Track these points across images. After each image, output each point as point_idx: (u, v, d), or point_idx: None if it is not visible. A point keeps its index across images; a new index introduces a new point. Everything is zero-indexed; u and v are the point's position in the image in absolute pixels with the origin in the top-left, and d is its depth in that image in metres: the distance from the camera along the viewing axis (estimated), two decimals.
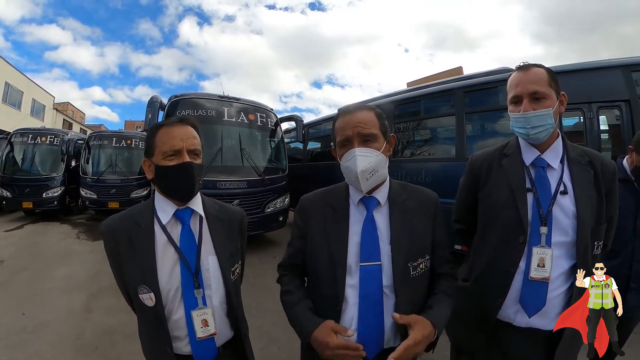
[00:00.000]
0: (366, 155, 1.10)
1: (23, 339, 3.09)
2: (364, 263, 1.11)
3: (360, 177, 1.09)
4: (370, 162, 1.09)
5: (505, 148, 1.41)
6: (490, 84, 4.62)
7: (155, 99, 5.61)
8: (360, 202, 1.19)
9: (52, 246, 6.61)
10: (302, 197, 1.33)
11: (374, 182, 1.13)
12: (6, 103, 19.81)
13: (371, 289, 1.10)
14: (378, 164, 1.11)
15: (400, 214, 1.17)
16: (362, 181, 1.10)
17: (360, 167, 1.09)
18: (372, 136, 1.11)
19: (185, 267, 1.12)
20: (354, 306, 1.11)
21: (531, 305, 1.23)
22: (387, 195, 1.20)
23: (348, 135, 1.12)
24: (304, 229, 1.26)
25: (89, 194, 9.25)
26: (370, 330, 1.09)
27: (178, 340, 1.13)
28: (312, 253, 1.22)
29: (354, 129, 1.11)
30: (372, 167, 1.10)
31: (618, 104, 3.74)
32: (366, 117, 1.13)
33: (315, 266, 1.21)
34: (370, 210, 1.17)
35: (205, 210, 1.24)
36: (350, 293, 1.11)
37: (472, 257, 1.47)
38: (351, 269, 1.12)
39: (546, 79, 1.25)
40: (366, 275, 1.10)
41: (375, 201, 1.18)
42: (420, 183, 5.03)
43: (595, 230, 1.23)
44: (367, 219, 1.16)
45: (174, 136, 1.11)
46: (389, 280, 1.10)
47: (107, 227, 1.16)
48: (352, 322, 1.11)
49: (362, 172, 1.09)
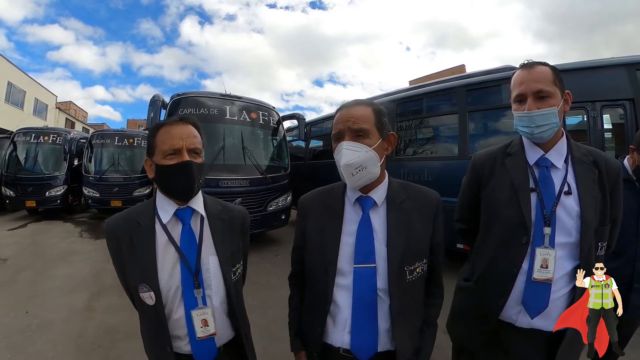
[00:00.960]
0: (353, 149, 1.07)
1: (25, 338, 3.10)
2: (358, 265, 1.09)
3: (345, 171, 1.08)
4: (357, 156, 1.06)
5: (509, 147, 1.39)
6: (493, 82, 4.60)
7: (157, 97, 5.61)
8: (356, 201, 1.16)
9: (54, 245, 6.64)
10: (301, 197, 1.33)
11: (360, 178, 1.09)
12: (9, 102, 19.90)
13: (365, 291, 1.08)
14: (366, 160, 1.08)
15: (398, 215, 1.14)
16: (347, 176, 1.09)
17: (344, 161, 1.07)
18: (363, 131, 1.08)
19: (185, 267, 1.12)
20: (347, 308, 1.09)
21: (534, 307, 1.21)
22: (386, 195, 1.17)
23: (340, 129, 1.11)
24: (303, 227, 1.26)
25: (91, 193, 9.27)
26: (364, 333, 1.08)
27: (178, 340, 1.13)
28: (308, 251, 1.22)
29: (345, 123, 1.09)
30: (359, 163, 1.07)
31: (622, 103, 3.71)
32: (361, 112, 1.10)
33: (309, 264, 1.22)
34: (366, 210, 1.15)
35: (206, 209, 1.23)
36: (343, 294, 1.11)
37: (475, 257, 1.46)
38: (343, 270, 1.11)
39: (551, 77, 1.23)
40: (360, 277, 1.09)
41: (372, 201, 1.15)
42: (422, 182, 5.02)
43: (599, 230, 1.22)
44: (363, 220, 1.14)
45: (173, 135, 1.11)
46: (383, 283, 1.08)
47: (109, 226, 1.17)
48: (345, 324, 1.10)
49: (347, 166, 1.07)
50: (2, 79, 19.07)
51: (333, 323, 1.13)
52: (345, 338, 1.10)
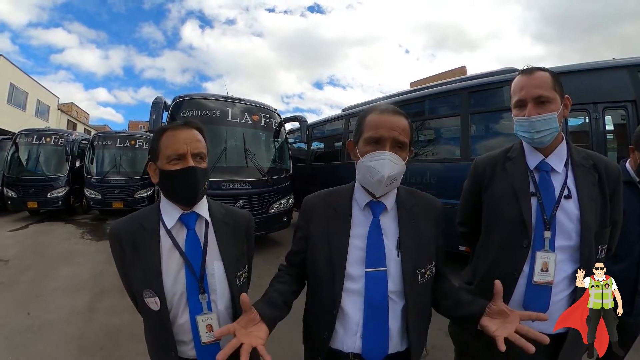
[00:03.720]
0: (395, 162, 1.07)
1: (27, 339, 3.11)
2: (369, 269, 1.09)
3: (381, 180, 1.07)
4: (396, 169, 1.08)
5: (510, 151, 1.40)
6: (495, 84, 4.60)
7: (159, 99, 5.63)
8: (366, 206, 1.17)
9: (56, 246, 6.66)
10: (305, 198, 1.32)
11: (390, 188, 1.12)
12: (11, 104, 19.94)
13: (377, 294, 1.08)
14: (400, 173, 1.10)
15: (409, 219, 1.15)
16: (378, 185, 1.08)
17: (387, 172, 1.05)
18: (404, 145, 1.09)
19: (190, 272, 1.11)
20: (358, 312, 1.09)
21: (534, 309, 1.21)
22: (395, 200, 1.18)
23: (383, 135, 1.08)
24: (306, 230, 1.25)
25: (93, 194, 9.30)
26: (376, 335, 1.08)
27: (183, 345, 1.13)
28: (312, 255, 1.21)
29: (390, 131, 1.07)
30: (395, 175, 1.08)
31: (624, 104, 3.72)
32: (404, 124, 1.10)
33: (314, 268, 1.20)
34: (376, 215, 1.15)
35: (211, 214, 1.22)
36: (353, 299, 1.10)
37: (476, 260, 1.47)
38: (352, 274, 1.11)
39: (550, 82, 1.24)
40: (372, 280, 1.09)
41: (383, 206, 1.16)
42: (425, 184, 5.02)
43: (599, 234, 1.23)
44: (374, 224, 1.14)
45: (178, 140, 1.11)
46: (395, 285, 1.09)
47: (114, 230, 1.16)
48: (357, 328, 1.09)
49: (387, 178, 1.06)
50: (4, 80, 19.13)
51: (343, 328, 1.12)
52: (357, 343, 1.09)
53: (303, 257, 1.26)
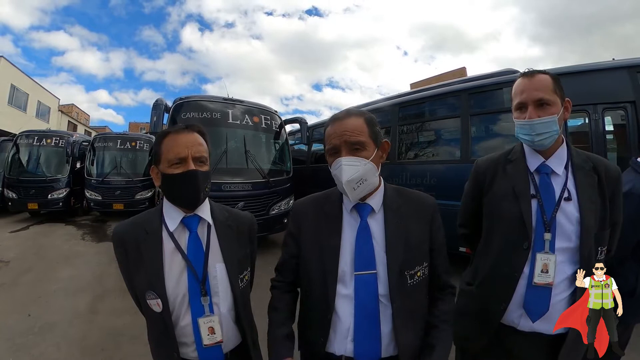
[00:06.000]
0: (353, 164, 1.07)
1: (28, 341, 3.11)
2: (358, 272, 1.09)
3: (347, 187, 1.07)
4: (357, 171, 1.06)
5: (510, 154, 1.41)
6: (495, 86, 4.61)
7: (160, 101, 5.64)
8: (353, 208, 1.16)
9: (57, 247, 6.65)
10: (295, 203, 1.32)
11: (362, 191, 1.10)
12: (12, 105, 19.93)
13: (367, 298, 1.08)
14: (366, 173, 1.08)
15: (396, 221, 1.14)
16: (348, 191, 1.08)
17: (345, 177, 1.06)
18: (360, 144, 1.08)
19: (192, 275, 1.11)
20: (349, 316, 1.09)
21: (535, 310, 1.23)
22: (382, 201, 1.17)
23: (335, 143, 1.10)
24: (297, 235, 1.24)
25: (93, 196, 9.28)
26: (367, 339, 1.08)
27: (185, 346, 1.13)
28: (305, 260, 1.21)
29: (340, 137, 1.08)
30: (359, 177, 1.07)
31: (623, 105, 3.72)
32: (354, 124, 1.09)
33: (307, 274, 1.20)
34: (364, 217, 1.14)
35: (213, 217, 1.23)
36: (344, 302, 1.10)
37: (477, 261, 1.48)
38: (344, 278, 1.10)
39: (551, 85, 1.25)
40: (361, 284, 1.08)
41: (369, 208, 1.15)
42: (424, 185, 5.00)
43: (599, 235, 1.23)
44: (361, 227, 1.13)
45: (179, 144, 1.11)
46: (384, 289, 1.08)
47: (116, 232, 1.17)
48: (348, 331, 1.09)
49: (348, 182, 1.06)
50: (5, 82, 19.13)
51: (334, 332, 1.11)
52: (348, 346, 1.08)
53: (295, 262, 1.25)
